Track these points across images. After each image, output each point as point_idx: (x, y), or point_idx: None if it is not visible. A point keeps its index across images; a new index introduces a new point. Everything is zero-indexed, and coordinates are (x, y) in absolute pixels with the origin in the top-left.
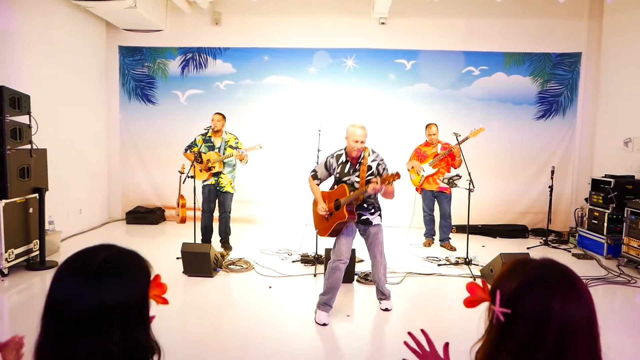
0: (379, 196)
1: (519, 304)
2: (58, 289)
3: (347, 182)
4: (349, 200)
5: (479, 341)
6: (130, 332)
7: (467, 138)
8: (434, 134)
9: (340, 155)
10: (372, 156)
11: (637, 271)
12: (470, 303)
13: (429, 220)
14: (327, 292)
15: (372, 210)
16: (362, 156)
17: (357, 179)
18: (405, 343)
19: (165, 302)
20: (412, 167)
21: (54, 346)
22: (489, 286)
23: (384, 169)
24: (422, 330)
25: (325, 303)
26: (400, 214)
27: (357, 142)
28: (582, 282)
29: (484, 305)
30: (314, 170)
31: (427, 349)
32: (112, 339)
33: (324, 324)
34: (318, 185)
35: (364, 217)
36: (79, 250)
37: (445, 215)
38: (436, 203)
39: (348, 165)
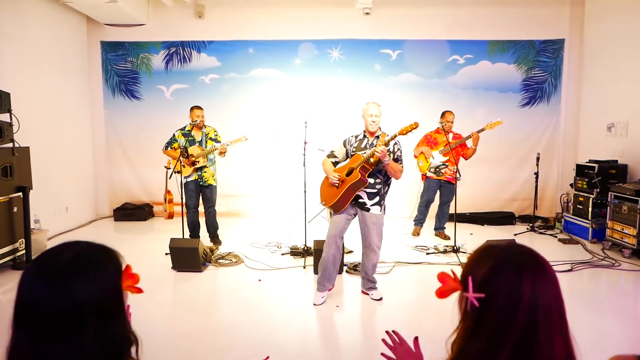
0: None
1: (490, 287)
2: (27, 292)
3: (363, 155)
4: (362, 162)
5: (454, 333)
6: (106, 327)
7: (483, 129)
8: (452, 122)
9: (359, 134)
10: (393, 140)
11: (621, 254)
12: (442, 293)
13: (424, 209)
14: (319, 271)
15: (373, 196)
16: (379, 135)
17: None
18: (383, 340)
19: (139, 291)
20: (422, 153)
21: (27, 352)
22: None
23: (399, 149)
24: (394, 331)
25: (319, 282)
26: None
27: (371, 115)
28: (547, 262)
29: (456, 295)
30: (330, 151)
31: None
32: (88, 338)
33: (314, 304)
34: (334, 164)
35: (360, 200)
36: (45, 251)
37: (444, 204)
38: (438, 192)
39: (365, 140)
